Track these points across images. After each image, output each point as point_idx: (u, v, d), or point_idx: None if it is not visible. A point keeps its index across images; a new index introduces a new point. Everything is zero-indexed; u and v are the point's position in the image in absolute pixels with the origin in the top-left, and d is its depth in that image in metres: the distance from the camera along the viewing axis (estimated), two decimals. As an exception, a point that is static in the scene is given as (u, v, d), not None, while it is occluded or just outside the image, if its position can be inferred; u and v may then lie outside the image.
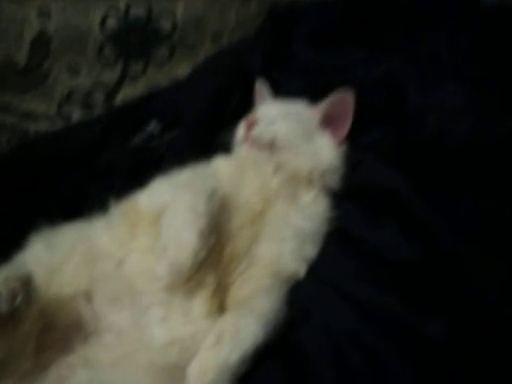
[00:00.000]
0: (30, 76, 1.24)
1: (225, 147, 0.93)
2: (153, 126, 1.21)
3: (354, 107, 0.83)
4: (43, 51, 1.23)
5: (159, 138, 1.19)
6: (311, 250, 0.75)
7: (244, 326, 0.60)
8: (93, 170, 1.13)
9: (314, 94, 0.89)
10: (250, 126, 0.82)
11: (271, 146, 0.81)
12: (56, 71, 1.26)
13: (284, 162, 0.80)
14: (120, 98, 1.35)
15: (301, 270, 0.73)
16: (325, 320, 0.65)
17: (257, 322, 0.61)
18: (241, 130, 0.85)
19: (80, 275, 0.67)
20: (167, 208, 0.68)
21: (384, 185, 0.79)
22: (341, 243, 0.76)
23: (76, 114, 1.31)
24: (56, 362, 0.61)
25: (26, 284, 0.56)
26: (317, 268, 0.74)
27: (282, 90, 0.97)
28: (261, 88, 0.98)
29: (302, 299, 0.69)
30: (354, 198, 0.82)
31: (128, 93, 1.35)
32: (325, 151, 0.83)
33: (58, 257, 0.70)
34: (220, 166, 0.82)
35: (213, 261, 0.68)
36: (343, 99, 0.84)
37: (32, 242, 0.73)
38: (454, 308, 0.61)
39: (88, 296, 0.66)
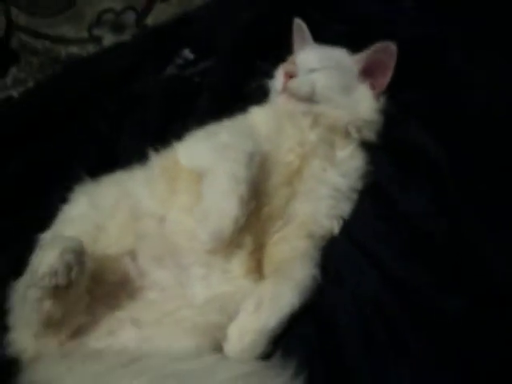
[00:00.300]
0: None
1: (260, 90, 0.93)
2: (186, 55, 1.19)
3: (395, 60, 0.80)
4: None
5: (193, 66, 1.18)
6: (346, 208, 0.78)
7: (282, 293, 0.65)
8: (126, 100, 1.14)
9: (355, 42, 0.85)
10: (289, 77, 0.80)
11: (309, 99, 0.80)
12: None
13: (322, 115, 0.80)
14: (151, 20, 1.31)
15: (334, 228, 0.76)
16: (353, 285, 0.69)
17: (294, 290, 0.66)
18: (279, 79, 0.83)
19: (124, 233, 0.72)
20: (208, 172, 0.69)
21: (420, 147, 0.79)
22: (374, 201, 0.78)
23: (106, 38, 1.29)
24: (106, 317, 0.67)
25: (80, 256, 0.60)
26: (349, 226, 0.77)
27: (321, 34, 0.92)
28: (299, 29, 0.94)
29: (335, 261, 0.72)
30: (389, 153, 0.82)
31: (159, 15, 1.31)
32: (364, 104, 0.82)
33: (102, 215, 0.74)
34: (257, 120, 0.82)
35: (251, 222, 0.70)
36: (386, 51, 0.81)
37: (76, 196, 0.77)
38: (476, 286, 0.64)
39: (133, 254, 0.71)
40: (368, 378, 0.60)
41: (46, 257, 0.58)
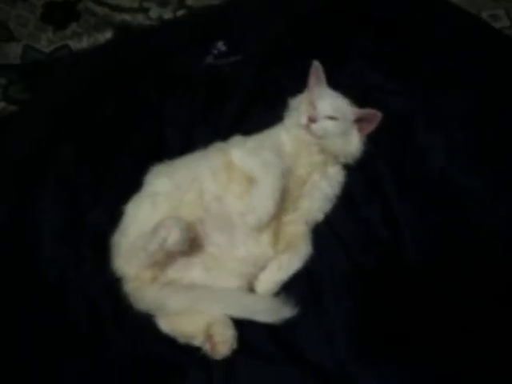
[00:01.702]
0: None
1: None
2: (220, 46, 1.51)
3: (378, 122, 1.23)
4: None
5: (225, 58, 1.50)
6: (329, 207, 1.23)
7: (293, 262, 1.13)
8: (169, 79, 1.46)
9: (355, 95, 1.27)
10: (311, 121, 1.19)
11: (321, 137, 1.21)
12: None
13: (326, 146, 1.21)
14: (191, 1, 1.60)
15: (320, 218, 1.22)
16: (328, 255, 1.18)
17: (299, 260, 1.13)
18: (303, 117, 1.19)
19: (196, 207, 1.12)
20: (258, 180, 1.09)
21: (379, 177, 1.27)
22: (344, 205, 1.24)
23: (153, 10, 1.57)
24: (185, 257, 1.09)
25: (187, 231, 1.02)
26: (328, 218, 1.23)
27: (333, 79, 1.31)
28: (317, 70, 1.28)
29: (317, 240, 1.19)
30: (359, 174, 1.28)
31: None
32: (354, 143, 1.24)
33: (180, 192, 1.12)
34: (283, 140, 1.22)
35: (276, 212, 1.13)
36: (375, 115, 1.22)
37: (157, 176, 1.15)
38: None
39: (202, 221, 1.11)
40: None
41: (173, 233, 0.98)
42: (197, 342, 1.02)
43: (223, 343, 1.00)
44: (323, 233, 1.21)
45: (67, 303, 1.08)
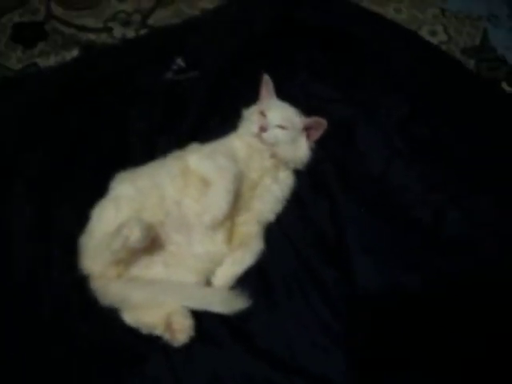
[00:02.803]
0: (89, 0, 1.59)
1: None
2: (179, 62, 1.62)
3: (324, 129, 1.36)
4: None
5: (184, 73, 1.61)
6: (279, 208, 1.35)
7: (246, 257, 1.24)
8: (131, 94, 1.56)
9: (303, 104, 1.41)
10: (263, 130, 1.30)
11: (272, 144, 1.32)
12: (109, -3, 1.62)
13: (276, 153, 1.33)
14: (152, 20, 1.72)
15: (271, 218, 1.33)
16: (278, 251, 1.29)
17: (252, 256, 1.25)
18: (255, 126, 1.31)
19: (157, 210, 1.21)
20: (212, 183, 1.19)
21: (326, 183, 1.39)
22: (294, 206, 1.36)
23: (117, 29, 1.68)
24: (146, 258, 1.19)
25: (148, 230, 1.11)
26: (279, 218, 1.34)
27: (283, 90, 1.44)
28: (267, 83, 1.41)
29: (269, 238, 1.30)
30: (307, 178, 1.40)
31: (158, 17, 1.72)
32: (302, 149, 1.36)
33: (142, 197, 1.21)
34: (236, 146, 1.33)
35: (230, 212, 1.23)
36: (321, 123, 1.36)
37: (121, 182, 1.24)
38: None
39: (162, 224, 1.21)
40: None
41: (135, 232, 1.07)
42: (158, 332, 1.12)
43: (181, 331, 1.11)
44: (274, 231, 1.32)
45: (38, 299, 1.17)
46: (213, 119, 1.52)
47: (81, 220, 1.20)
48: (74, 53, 1.65)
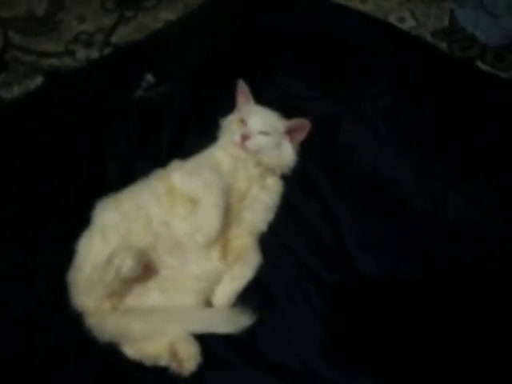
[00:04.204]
0: (47, 24, 1.52)
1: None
2: (149, 78, 1.57)
3: (308, 129, 1.32)
4: (58, 5, 1.51)
5: (155, 89, 1.57)
6: (271, 216, 1.30)
7: (245, 272, 1.19)
8: (104, 114, 1.51)
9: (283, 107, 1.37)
10: (245, 138, 1.26)
11: (256, 152, 1.28)
12: (67, 20, 1.54)
13: (261, 160, 1.29)
14: (115, 38, 1.66)
15: (264, 228, 1.29)
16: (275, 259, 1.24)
17: (250, 270, 1.20)
18: (236, 135, 1.27)
19: (145, 233, 1.16)
20: (201, 200, 1.15)
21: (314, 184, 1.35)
22: (286, 212, 1.32)
23: (80, 51, 1.62)
24: (141, 284, 1.13)
25: (140, 258, 1.06)
26: (272, 227, 1.30)
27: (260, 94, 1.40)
28: (243, 89, 1.37)
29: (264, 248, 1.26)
30: (294, 184, 1.36)
31: (121, 34, 1.67)
32: (287, 154, 1.32)
33: (128, 222, 1.16)
34: (220, 159, 1.28)
35: (222, 227, 1.18)
36: (304, 125, 1.32)
37: (104, 210, 1.18)
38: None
39: (153, 247, 1.15)
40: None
41: (127, 260, 1.02)
42: (163, 362, 1.07)
43: (189, 359, 1.05)
44: (269, 240, 1.28)
45: (31, 343, 1.10)
46: (191, 132, 1.47)
47: (66, 255, 1.14)
48: (38, 80, 1.58)
